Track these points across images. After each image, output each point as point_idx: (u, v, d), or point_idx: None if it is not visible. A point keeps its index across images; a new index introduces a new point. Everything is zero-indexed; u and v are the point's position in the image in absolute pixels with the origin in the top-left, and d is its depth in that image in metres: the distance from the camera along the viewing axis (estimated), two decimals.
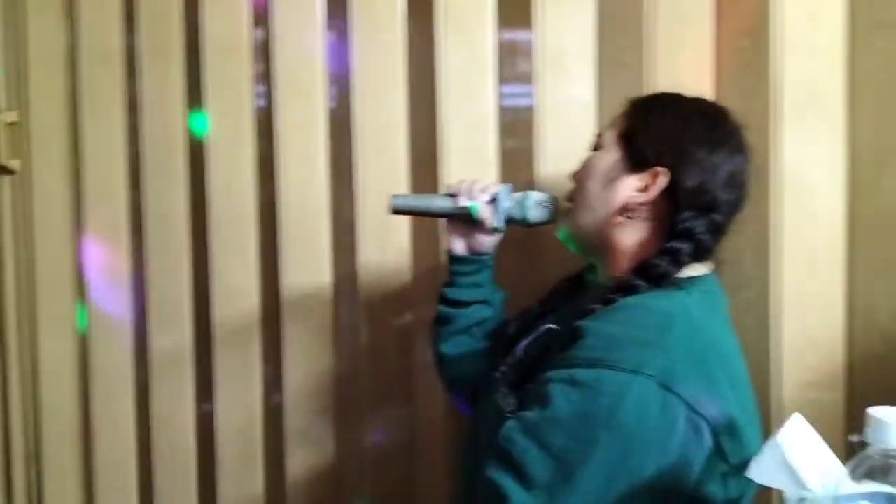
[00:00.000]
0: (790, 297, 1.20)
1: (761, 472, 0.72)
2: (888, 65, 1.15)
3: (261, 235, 1.56)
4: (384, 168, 1.46)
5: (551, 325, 1.07)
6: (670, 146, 1.01)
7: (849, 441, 1.17)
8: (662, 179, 1.00)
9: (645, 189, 1.01)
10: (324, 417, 1.53)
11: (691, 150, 1.00)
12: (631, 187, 1.02)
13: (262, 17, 1.53)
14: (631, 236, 1.03)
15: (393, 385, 1.49)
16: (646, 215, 1.02)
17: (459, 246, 1.20)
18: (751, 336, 1.21)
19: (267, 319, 1.56)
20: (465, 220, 1.16)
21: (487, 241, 1.19)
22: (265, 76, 1.53)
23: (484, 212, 1.14)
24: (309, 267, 1.51)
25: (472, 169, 1.38)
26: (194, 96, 1.58)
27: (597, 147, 1.08)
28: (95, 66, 1.62)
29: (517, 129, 1.40)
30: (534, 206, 1.14)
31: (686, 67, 1.27)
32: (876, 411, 0.66)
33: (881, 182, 1.16)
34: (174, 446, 1.64)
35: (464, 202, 1.15)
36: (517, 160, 1.39)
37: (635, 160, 1.02)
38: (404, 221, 1.44)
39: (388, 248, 1.45)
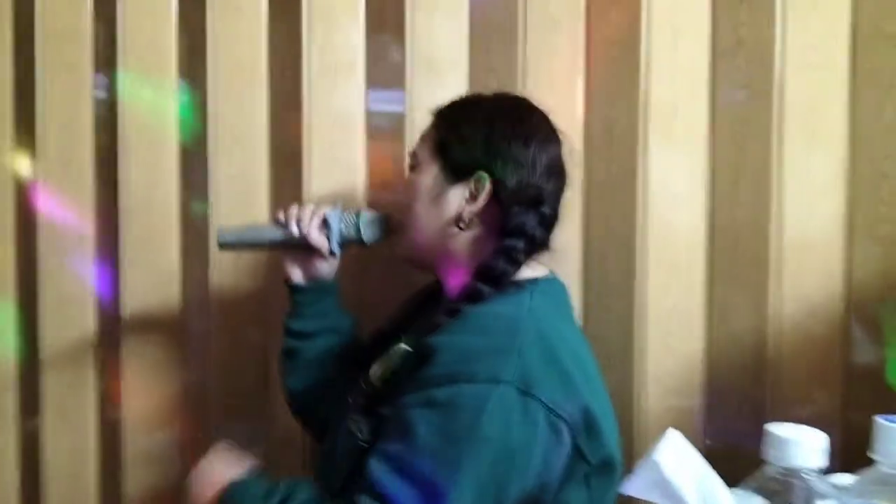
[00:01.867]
0: (653, 306, 1.19)
1: (639, 489, 0.68)
2: (747, 82, 1.17)
3: (99, 238, 1.38)
4: (241, 167, 1.32)
5: (403, 345, 0.97)
6: (483, 150, 0.98)
7: (706, 446, 1.18)
8: (485, 184, 0.97)
9: (472, 198, 0.98)
10: (167, 436, 1.36)
11: (504, 149, 0.97)
12: (457, 198, 0.99)
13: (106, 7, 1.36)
14: (467, 244, 1.00)
15: (247, 400, 1.35)
16: (477, 221, 0.99)
17: (297, 274, 1.13)
18: (615, 344, 1.20)
19: (104, 330, 1.38)
20: (300, 248, 1.10)
21: (326, 267, 1.13)
22: (109, 62, 1.36)
23: (317, 237, 1.08)
24: (156, 269, 1.36)
25: (337, 173, 1.27)
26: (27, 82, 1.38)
27: (413, 167, 1.04)
28: None
29: (386, 134, 1.30)
30: (366, 225, 1.09)
31: (558, 74, 1.22)
32: (774, 428, 0.61)
33: (738, 195, 1.18)
34: None
35: (294, 230, 1.09)
36: (385, 166, 1.30)
37: (454, 171, 0.99)
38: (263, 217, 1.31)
39: (241, 254, 1.31)
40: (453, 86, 1.25)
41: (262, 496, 0.90)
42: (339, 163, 1.30)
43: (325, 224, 1.08)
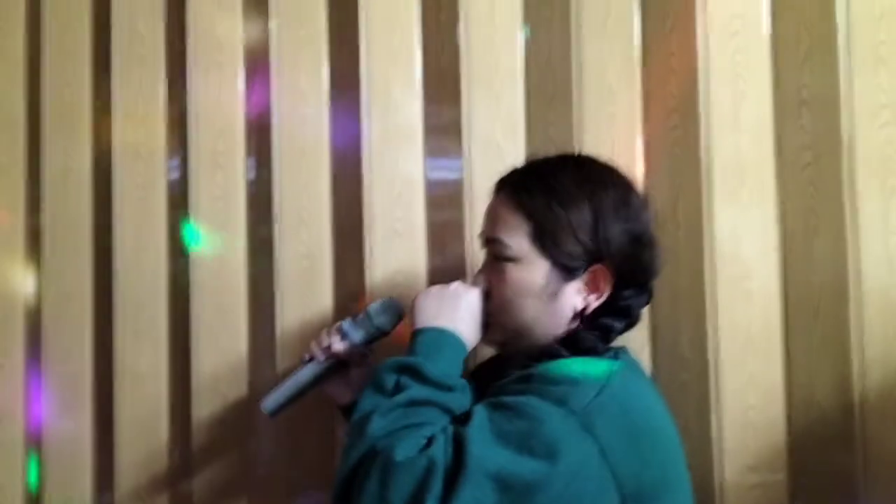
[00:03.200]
0: (729, 378, 1.12)
1: None
2: (813, 140, 1.11)
3: (171, 314, 1.38)
4: (306, 243, 1.31)
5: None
6: (595, 239, 0.91)
7: None
8: (605, 276, 0.91)
9: (592, 290, 0.92)
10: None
11: (617, 235, 0.91)
12: (575, 292, 0.92)
13: (177, 85, 1.39)
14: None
15: (314, 468, 1.31)
16: None
17: (344, 395, 1.11)
18: (690, 418, 1.12)
19: (176, 405, 1.36)
20: (337, 371, 1.10)
21: (363, 375, 1.09)
22: (181, 146, 1.38)
23: (344, 349, 1.06)
24: (224, 348, 1.34)
25: (397, 245, 1.25)
26: (104, 165, 1.41)
27: (503, 256, 0.94)
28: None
29: (444, 203, 1.27)
30: (378, 315, 1.08)
31: (616, 143, 1.18)
32: None
33: (812, 255, 1.10)
34: None
35: (321, 356, 1.08)
36: (445, 234, 1.27)
37: (567, 267, 0.91)
38: (328, 297, 1.30)
39: (309, 321, 1.29)
40: (511, 156, 1.22)
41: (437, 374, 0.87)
42: (400, 234, 1.28)
43: (343, 335, 1.07)
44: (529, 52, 1.23)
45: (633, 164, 1.17)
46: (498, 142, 1.22)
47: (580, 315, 0.92)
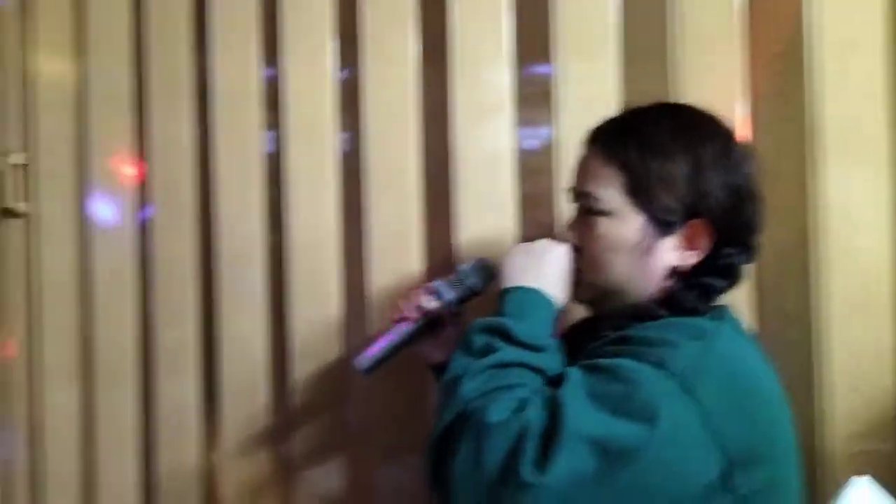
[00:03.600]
0: (837, 341, 1.06)
1: None
2: None
3: (269, 281, 1.42)
4: (395, 212, 1.33)
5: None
6: (694, 191, 0.86)
7: None
8: (704, 231, 0.86)
9: (690, 247, 0.88)
10: (334, 469, 1.37)
11: (717, 189, 0.86)
12: (671, 248, 0.88)
13: (271, 60, 1.41)
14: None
15: (407, 428, 1.33)
16: None
17: (436, 354, 1.11)
18: (795, 382, 1.08)
19: (274, 368, 1.41)
20: (430, 329, 1.10)
21: (455, 334, 1.08)
22: (275, 118, 1.41)
23: (436, 306, 1.06)
24: (319, 313, 1.37)
25: (487, 214, 1.24)
26: (203, 141, 1.45)
27: (594, 209, 0.90)
28: (103, 108, 1.50)
29: (535, 172, 1.26)
30: (471, 274, 1.08)
31: (715, 96, 1.13)
32: None
33: None
34: (179, 499, 1.47)
35: (414, 315, 1.07)
36: (534, 204, 1.25)
37: (663, 221, 0.87)
38: (418, 265, 1.31)
39: (399, 286, 1.30)
40: (605, 115, 1.19)
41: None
42: (489, 203, 1.27)
43: (436, 295, 1.07)
44: (623, 6, 1.19)
45: (734, 116, 1.12)
46: (590, 104, 1.19)
47: (676, 273, 0.88)
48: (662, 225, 0.87)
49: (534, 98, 1.25)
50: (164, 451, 1.48)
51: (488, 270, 1.08)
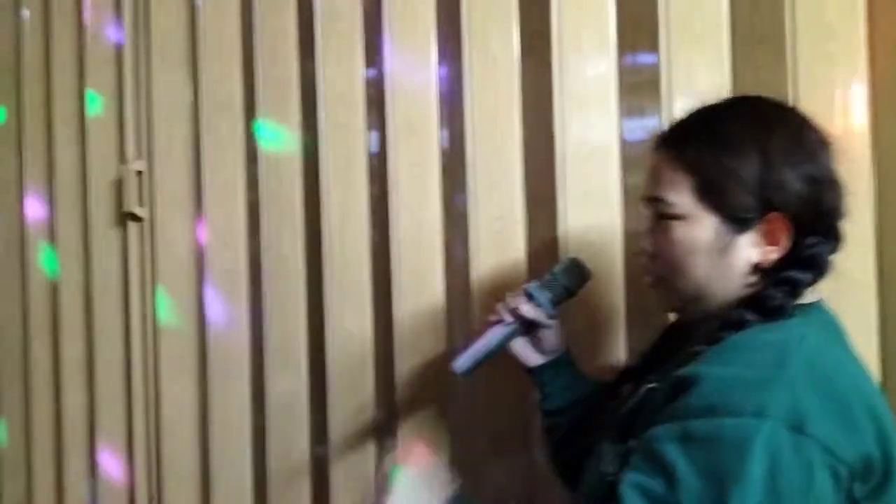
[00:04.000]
0: None
1: None
2: None
3: (374, 277, 1.44)
4: (498, 208, 1.32)
5: (652, 385, 0.88)
6: (766, 185, 0.82)
7: None
8: (783, 224, 0.83)
9: (770, 242, 0.84)
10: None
11: (791, 180, 0.82)
12: (749, 245, 0.84)
13: (373, 60, 1.44)
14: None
15: (508, 431, 1.32)
16: None
17: (532, 357, 1.12)
18: None
19: (380, 362, 1.43)
20: (524, 332, 1.11)
21: (551, 337, 1.11)
22: (378, 119, 1.43)
23: (531, 310, 1.07)
24: (423, 309, 1.38)
25: (591, 209, 1.22)
26: (310, 142, 1.49)
27: (668, 214, 0.87)
28: (217, 116, 1.57)
29: (641, 164, 1.22)
30: (564, 276, 1.09)
31: (836, 85, 1.08)
32: None
33: None
34: (290, 489, 1.51)
35: (509, 318, 1.09)
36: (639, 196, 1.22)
37: (737, 219, 0.84)
38: (521, 261, 1.31)
39: (501, 284, 1.29)
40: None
41: None
42: (594, 199, 1.25)
43: (530, 298, 1.08)
44: None
45: (857, 110, 1.07)
46: (701, 93, 1.15)
47: (760, 270, 0.85)
48: (738, 222, 0.84)
49: (640, 88, 1.22)
50: (275, 443, 1.52)
51: (581, 270, 1.09)
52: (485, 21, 1.33)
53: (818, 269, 0.84)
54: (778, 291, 0.82)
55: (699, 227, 0.85)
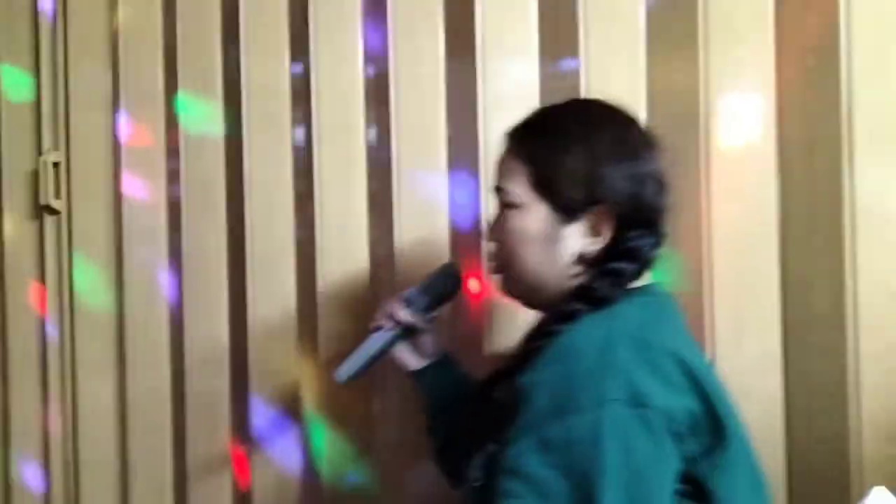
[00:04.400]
0: (869, 340, 1.05)
1: None
2: None
3: (298, 271, 1.43)
4: (423, 204, 1.33)
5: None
6: (593, 179, 0.89)
7: None
8: (606, 217, 0.89)
9: (595, 233, 0.90)
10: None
11: (614, 173, 0.89)
12: (576, 236, 0.91)
13: (300, 54, 1.43)
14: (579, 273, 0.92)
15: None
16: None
17: (412, 360, 1.16)
18: (824, 384, 1.08)
19: (304, 357, 1.43)
20: (405, 337, 1.15)
21: (428, 341, 1.15)
22: (305, 115, 1.43)
23: (409, 316, 1.11)
24: (348, 303, 1.38)
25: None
26: (234, 134, 1.48)
27: (508, 203, 0.94)
28: (136, 108, 1.53)
29: None
30: (439, 281, 1.13)
31: (745, 89, 1.13)
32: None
33: None
34: (210, 486, 1.50)
35: (390, 323, 1.11)
36: None
37: (567, 210, 0.91)
38: (447, 256, 1.31)
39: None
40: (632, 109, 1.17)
41: None
42: None
43: (408, 303, 1.11)
44: None
45: (765, 112, 1.11)
46: (616, 94, 1.18)
47: (584, 261, 0.91)
48: (566, 212, 0.90)
49: (562, 92, 1.24)
50: (195, 441, 1.51)
51: (456, 275, 1.14)
52: (412, 21, 1.33)
53: (640, 260, 0.90)
54: (603, 282, 0.88)
55: (532, 216, 0.92)
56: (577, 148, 0.90)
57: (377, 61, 1.38)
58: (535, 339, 0.90)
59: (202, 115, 1.50)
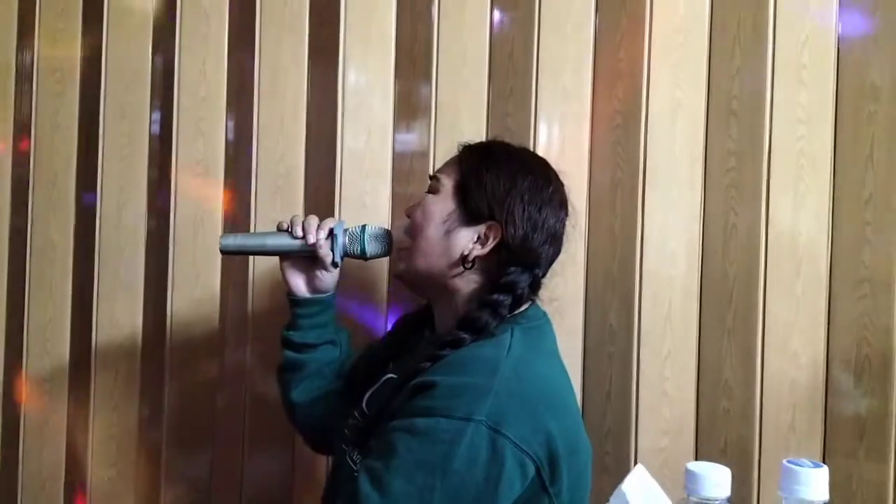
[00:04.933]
0: (649, 352, 1.24)
1: None
2: (737, 147, 1.21)
3: (147, 266, 1.46)
4: (282, 205, 1.39)
5: (391, 375, 1.04)
6: (501, 203, 1.00)
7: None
8: (495, 234, 1.01)
9: (481, 242, 1.01)
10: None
11: (520, 209, 1.00)
12: (467, 239, 1.01)
13: (163, 45, 1.45)
14: (463, 285, 1.02)
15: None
16: (477, 266, 1.02)
17: (300, 287, 1.13)
18: (614, 387, 1.25)
19: (148, 354, 1.46)
20: (303, 258, 1.10)
21: (327, 279, 1.13)
22: (166, 106, 1.45)
23: (324, 247, 1.08)
24: (199, 303, 1.42)
25: (363, 213, 1.34)
26: (91, 118, 1.47)
27: (433, 190, 1.06)
28: None
29: (408, 177, 1.36)
30: (370, 239, 1.10)
31: (566, 139, 1.28)
32: (692, 466, 0.69)
33: (729, 248, 1.21)
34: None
35: (300, 237, 1.08)
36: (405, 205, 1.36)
37: (469, 213, 1.02)
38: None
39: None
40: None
41: None
42: (366, 206, 1.36)
43: (330, 234, 1.08)
44: (494, 45, 1.31)
45: (581, 159, 1.27)
46: (461, 128, 1.31)
47: (463, 261, 1.01)
48: (468, 215, 1.01)
49: (413, 111, 1.35)
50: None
51: (388, 244, 1.10)
52: (279, 32, 1.40)
53: (515, 294, 0.99)
54: (483, 313, 0.97)
55: (443, 205, 1.03)
56: (503, 176, 1.01)
57: (242, 64, 1.42)
58: (422, 358, 0.97)
59: (55, 103, 1.47)
